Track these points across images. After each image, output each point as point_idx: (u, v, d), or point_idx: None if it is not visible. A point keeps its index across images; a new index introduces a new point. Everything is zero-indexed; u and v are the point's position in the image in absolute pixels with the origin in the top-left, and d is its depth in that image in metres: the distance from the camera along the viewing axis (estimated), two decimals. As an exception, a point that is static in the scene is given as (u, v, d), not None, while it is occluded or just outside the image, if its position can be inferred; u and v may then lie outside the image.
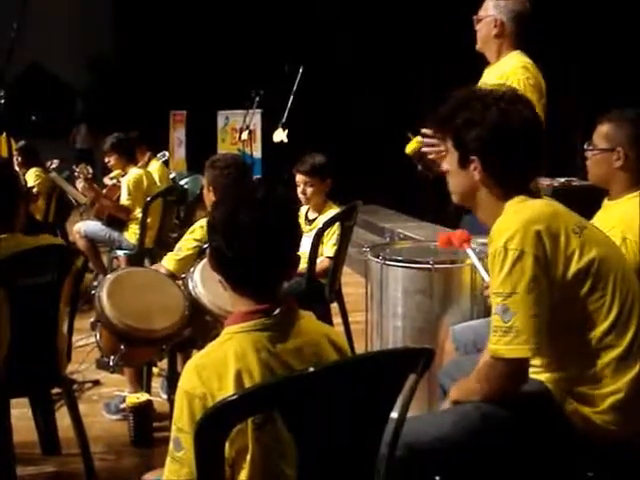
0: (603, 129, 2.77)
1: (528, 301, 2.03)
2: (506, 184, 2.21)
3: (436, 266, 3.25)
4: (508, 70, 3.48)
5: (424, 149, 3.52)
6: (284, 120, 6.42)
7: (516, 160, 2.19)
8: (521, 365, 2.07)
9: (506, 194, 2.20)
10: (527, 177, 2.27)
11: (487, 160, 2.19)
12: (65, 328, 3.16)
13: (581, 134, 3.20)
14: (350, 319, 4.47)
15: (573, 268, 2.08)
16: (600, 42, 5.93)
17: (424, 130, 3.54)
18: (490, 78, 3.55)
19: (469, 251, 2.86)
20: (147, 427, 3.55)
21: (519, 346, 2.03)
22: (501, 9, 3.53)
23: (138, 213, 5.93)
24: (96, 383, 4.24)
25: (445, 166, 2.33)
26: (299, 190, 4.39)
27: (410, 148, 3.63)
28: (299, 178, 4.40)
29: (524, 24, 3.55)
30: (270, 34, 11.15)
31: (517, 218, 2.11)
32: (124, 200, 6.01)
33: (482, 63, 3.74)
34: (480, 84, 3.62)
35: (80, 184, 6.20)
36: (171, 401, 3.29)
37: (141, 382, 3.77)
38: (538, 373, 2.19)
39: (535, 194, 2.27)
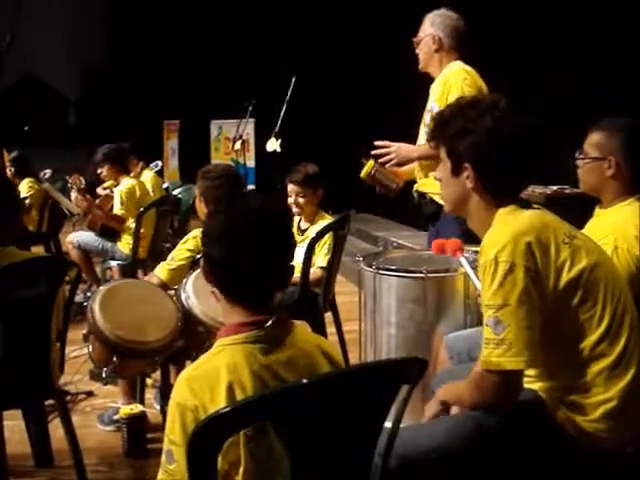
0: (594, 138, 2.78)
1: (520, 313, 2.03)
2: (498, 192, 2.21)
3: (429, 275, 3.25)
4: (448, 73, 3.82)
5: (381, 160, 3.75)
6: (277, 129, 6.42)
7: (509, 167, 2.20)
8: (514, 377, 2.07)
9: (497, 202, 2.21)
10: (520, 185, 2.28)
11: (480, 167, 2.19)
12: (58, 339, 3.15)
13: (572, 141, 3.22)
14: (344, 328, 4.47)
15: (564, 279, 2.08)
16: (594, 51, 5.95)
17: (377, 142, 3.79)
18: (434, 89, 3.89)
19: (462, 260, 2.87)
20: (140, 438, 3.54)
21: (512, 358, 2.03)
22: (437, 25, 3.90)
23: (131, 223, 5.91)
24: (89, 394, 4.22)
25: (437, 175, 2.34)
26: (291, 200, 4.39)
27: (364, 172, 3.86)
28: (291, 188, 4.41)
29: (459, 38, 3.91)
30: (264, 43, 11.16)
31: (507, 230, 2.11)
32: (117, 210, 6.00)
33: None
34: (428, 103, 3.84)
35: (73, 194, 6.19)
36: (164, 412, 3.27)
37: (134, 393, 3.76)
38: (531, 382, 2.19)
39: (525, 202, 2.27)
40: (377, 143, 3.88)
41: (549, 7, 6.41)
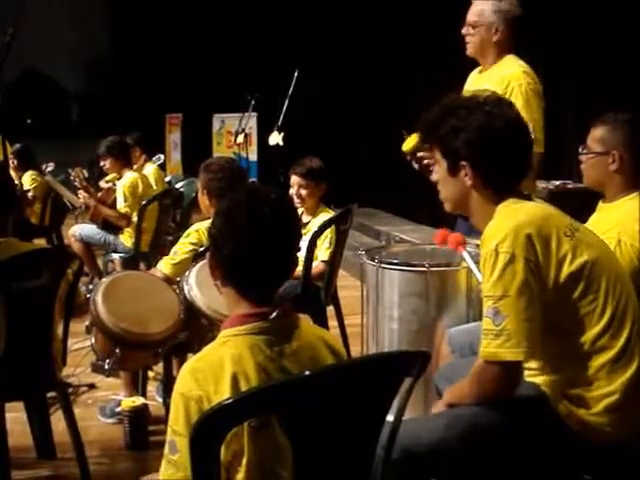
0: (597, 132, 2.78)
1: (520, 304, 2.03)
2: (497, 186, 2.22)
3: (432, 269, 3.25)
4: (509, 74, 3.51)
5: (420, 154, 3.54)
6: (280, 123, 6.42)
7: (505, 161, 2.21)
8: (514, 368, 2.07)
9: (498, 197, 2.21)
10: (517, 177, 2.28)
11: (477, 164, 2.20)
12: (60, 331, 3.16)
13: (576, 136, 3.19)
14: (346, 322, 4.47)
15: (565, 271, 2.08)
16: (597, 44, 5.93)
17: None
18: (485, 83, 3.58)
19: (464, 254, 2.87)
20: (142, 431, 3.55)
21: (511, 349, 2.03)
22: (500, 14, 3.53)
23: (134, 217, 5.91)
24: (91, 387, 4.22)
25: (435, 176, 2.34)
26: (293, 191, 4.40)
27: (408, 146, 3.62)
28: (294, 179, 4.43)
29: (518, 28, 3.58)
30: (266, 37, 11.14)
31: (508, 221, 2.12)
32: (121, 207, 5.97)
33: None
34: (471, 90, 3.68)
35: (81, 194, 6.19)
36: (166, 405, 3.28)
37: (137, 386, 3.76)
38: (533, 376, 2.19)
39: (526, 196, 2.27)
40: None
41: (551, 7, 6.39)
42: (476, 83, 3.73)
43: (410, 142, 3.60)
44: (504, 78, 3.50)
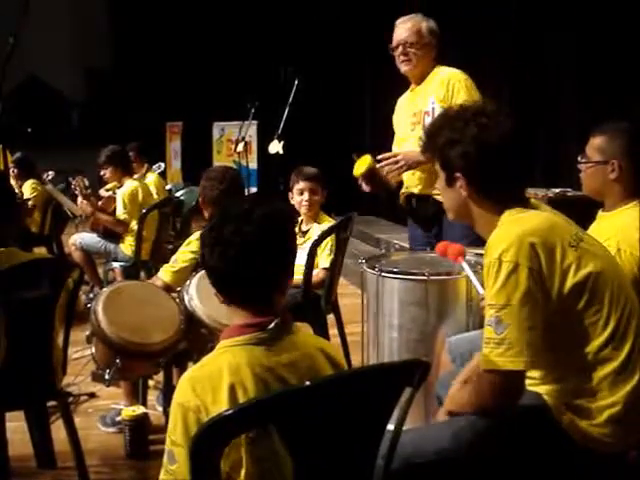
0: (596, 141, 2.78)
1: (522, 313, 2.03)
2: (495, 197, 2.22)
3: (432, 277, 3.25)
4: (447, 75, 3.85)
5: (386, 169, 3.71)
6: (280, 132, 6.42)
7: (501, 172, 2.20)
8: (515, 378, 2.06)
9: (498, 207, 2.21)
10: (515, 188, 2.27)
11: (470, 176, 2.21)
12: (61, 341, 3.16)
13: (576, 144, 3.20)
14: (346, 330, 4.46)
15: (569, 282, 2.08)
16: (598, 51, 5.93)
17: (380, 157, 3.82)
18: (423, 94, 3.90)
19: (464, 264, 2.87)
20: (143, 440, 3.54)
21: (512, 358, 2.02)
22: (434, 32, 3.91)
23: (134, 225, 5.91)
24: (92, 396, 4.22)
25: (437, 185, 2.37)
26: (304, 198, 4.33)
27: (359, 171, 3.78)
28: (305, 185, 4.34)
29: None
30: (265, 45, 11.16)
31: (512, 230, 2.11)
32: (120, 214, 5.99)
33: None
34: (405, 108, 3.84)
35: (80, 200, 6.20)
36: (167, 414, 3.27)
37: (137, 395, 3.76)
38: (535, 385, 2.18)
39: (533, 205, 2.27)
40: (381, 157, 3.84)
41: (554, 11, 6.40)
42: (411, 100, 4.02)
43: (361, 165, 3.76)
44: (443, 79, 3.83)
